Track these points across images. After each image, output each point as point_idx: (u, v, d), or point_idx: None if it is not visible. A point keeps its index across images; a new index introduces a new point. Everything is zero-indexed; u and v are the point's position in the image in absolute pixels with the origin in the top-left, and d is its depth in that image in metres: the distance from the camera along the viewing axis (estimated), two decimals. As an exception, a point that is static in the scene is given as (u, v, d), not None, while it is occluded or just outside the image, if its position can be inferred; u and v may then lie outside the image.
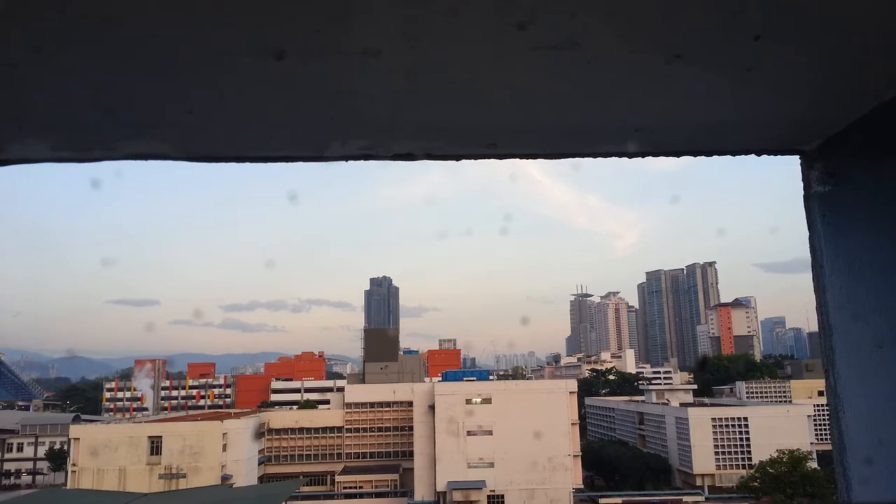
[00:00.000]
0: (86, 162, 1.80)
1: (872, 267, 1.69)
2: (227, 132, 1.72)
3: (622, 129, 1.74)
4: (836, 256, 1.80)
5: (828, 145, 1.81)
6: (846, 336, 1.78)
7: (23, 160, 1.79)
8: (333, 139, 1.74)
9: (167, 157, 1.78)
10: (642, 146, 1.83)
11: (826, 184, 1.83)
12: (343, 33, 1.31)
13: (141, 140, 1.72)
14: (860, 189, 1.74)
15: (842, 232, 1.79)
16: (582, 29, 1.31)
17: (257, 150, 1.80)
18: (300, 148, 1.79)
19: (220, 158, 1.81)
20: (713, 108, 1.67)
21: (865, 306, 1.70)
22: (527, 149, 1.86)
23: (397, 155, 1.83)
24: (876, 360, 1.67)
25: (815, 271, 1.88)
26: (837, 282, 1.80)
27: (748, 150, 1.88)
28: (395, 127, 1.69)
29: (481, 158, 1.88)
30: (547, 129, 1.76)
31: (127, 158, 1.78)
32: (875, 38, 1.36)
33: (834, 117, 1.71)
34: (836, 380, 1.82)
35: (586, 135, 1.80)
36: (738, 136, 1.82)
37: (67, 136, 1.71)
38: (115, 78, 1.44)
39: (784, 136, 1.82)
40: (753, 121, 1.73)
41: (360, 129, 1.69)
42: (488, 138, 1.78)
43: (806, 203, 1.89)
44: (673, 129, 1.78)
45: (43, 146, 1.74)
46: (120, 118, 1.60)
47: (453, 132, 1.74)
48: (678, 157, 1.90)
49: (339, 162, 1.84)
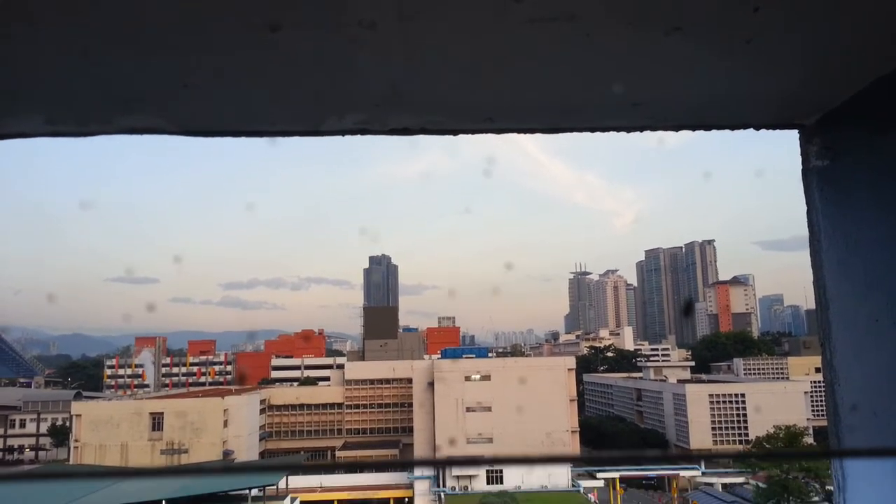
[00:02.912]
0: (82, 136, 1.79)
1: (870, 241, 1.69)
2: (222, 106, 1.70)
3: (621, 102, 1.73)
4: (834, 231, 1.80)
5: (826, 120, 1.80)
6: (843, 310, 1.79)
7: (19, 135, 1.78)
8: (329, 113, 1.72)
9: (163, 131, 1.77)
10: (641, 120, 1.82)
11: (824, 158, 1.82)
12: (338, 5, 1.29)
13: (136, 114, 1.70)
14: (858, 163, 1.73)
15: (840, 206, 1.79)
16: (580, 1, 1.30)
17: (253, 125, 1.79)
18: (296, 122, 1.78)
19: (216, 133, 1.80)
20: (712, 82, 1.66)
21: (863, 280, 1.71)
22: (524, 123, 1.85)
23: (394, 130, 1.81)
24: (872, 334, 1.67)
25: (812, 246, 1.88)
26: (835, 256, 1.80)
27: (747, 125, 1.86)
28: (391, 101, 1.67)
29: (478, 133, 1.87)
30: (544, 104, 1.74)
31: (123, 133, 1.77)
32: (875, 11, 1.35)
33: (833, 91, 1.70)
34: (832, 354, 1.83)
35: (584, 109, 1.78)
36: (737, 109, 1.81)
37: (63, 110, 1.70)
38: (109, 51, 1.41)
39: (783, 110, 1.80)
40: (752, 94, 1.72)
41: (355, 103, 1.68)
42: (485, 112, 1.77)
43: (804, 178, 1.89)
44: (672, 103, 1.76)
45: (38, 120, 1.73)
46: (115, 92, 1.59)
47: (450, 106, 1.73)
48: (677, 132, 1.88)
49: (335, 136, 1.83)
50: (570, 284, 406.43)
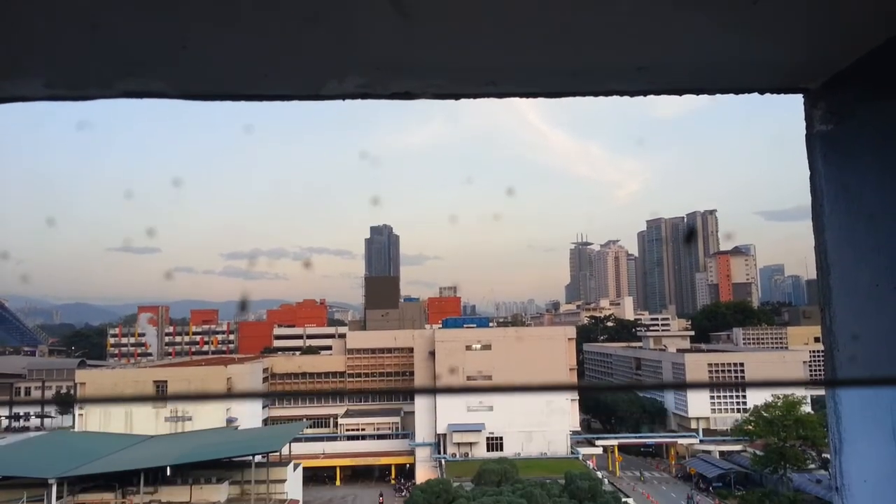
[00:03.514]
0: (81, 100, 1.78)
1: (873, 206, 1.68)
2: (222, 69, 1.68)
3: (624, 66, 1.71)
4: (837, 196, 1.79)
5: (831, 83, 1.78)
6: (843, 275, 1.79)
7: (18, 98, 1.77)
8: (330, 76, 1.70)
9: (163, 94, 1.75)
10: (644, 84, 1.79)
11: (829, 122, 1.80)
12: None
13: (136, 77, 1.69)
14: (863, 127, 1.71)
15: (843, 171, 1.78)
16: None
17: (253, 88, 1.77)
18: (296, 85, 1.76)
19: (216, 96, 1.78)
20: (717, 45, 1.63)
21: (864, 245, 1.70)
22: (527, 87, 1.83)
23: (395, 94, 1.79)
24: (873, 299, 1.68)
25: (814, 211, 1.87)
26: (836, 221, 1.79)
27: (751, 89, 1.84)
28: (392, 64, 1.65)
29: (480, 97, 1.85)
30: (548, 67, 1.72)
31: (122, 97, 1.76)
32: None
33: (839, 54, 1.67)
34: (831, 319, 1.84)
35: (588, 72, 1.76)
36: (741, 73, 1.78)
37: (62, 73, 1.68)
38: (108, 12, 1.40)
39: (788, 73, 1.78)
40: (757, 58, 1.69)
41: (357, 65, 1.66)
42: (488, 75, 1.75)
43: (808, 142, 1.87)
44: (676, 67, 1.74)
45: (37, 84, 1.71)
46: (114, 54, 1.58)
47: (452, 69, 1.71)
48: (681, 97, 1.86)
49: (336, 101, 1.81)
50: (571, 255, 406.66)
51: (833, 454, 1.83)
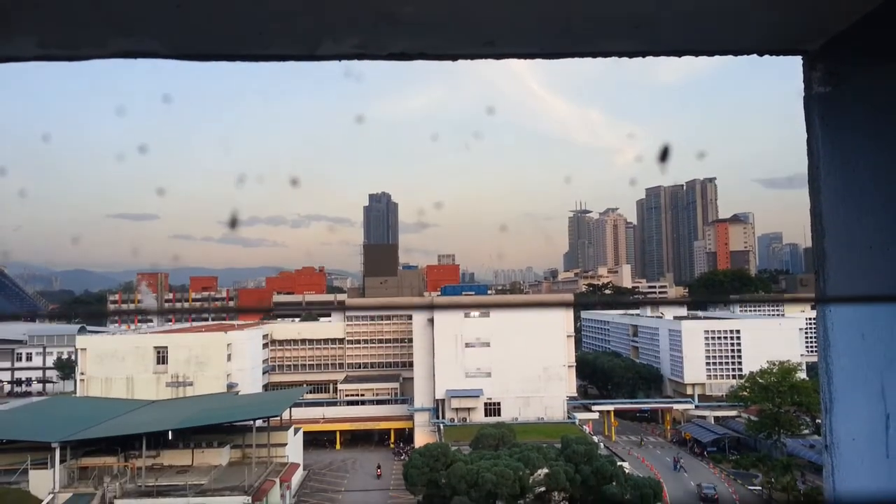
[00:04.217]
0: (75, 60, 1.76)
1: (868, 168, 1.68)
2: (215, 28, 1.66)
3: (623, 25, 1.69)
4: (833, 157, 1.79)
5: (831, 45, 1.76)
6: (838, 238, 1.79)
7: (10, 58, 1.75)
8: (326, 35, 1.68)
9: (156, 54, 1.73)
10: (643, 45, 1.78)
11: (827, 84, 1.79)
12: None
13: (129, 36, 1.66)
14: (862, 90, 1.70)
15: (840, 133, 1.77)
16: None
17: (248, 48, 1.75)
18: (292, 45, 1.74)
19: (210, 56, 1.76)
20: (716, 4, 1.62)
21: (859, 207, 1.70)
22: (525, 48, 1.81)
23: (392, 54, 1.78)
24: (866, 261, 1.69)
25: (811, 173, 1.87)
26: (833, 183, 1.79)
27: (751, 50, 1.83)
28: (388, 23, 1.63)
29: (478, 58, 1.84)
30: (545, 26, 1.70)
31: (116, 56, 1.74)
32: None
33: (839, 14, 1.65)
34: (825, 282, 1.85)
35: (586, 32, 1.74)
36: (740, 34, 1.77)
37: (55, 32, 1.66)
38: None
39: (787, 34, 1.76)
40: (757, 17, 1.67)
41: (352, 24, 1.64)
42: (485, 36, 1.73)
43: (805, 104, 1.86)
44: (674, 27, 1.72)
45: (30, 43, 1.69)
46: (108, 13, 1.57)
47: (449, 29, 1.69)
48: (679, 57, 1.84)
49: (332, 61, 1.79)
50: (569, 223, 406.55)
51: (824, 414, 1.86)
